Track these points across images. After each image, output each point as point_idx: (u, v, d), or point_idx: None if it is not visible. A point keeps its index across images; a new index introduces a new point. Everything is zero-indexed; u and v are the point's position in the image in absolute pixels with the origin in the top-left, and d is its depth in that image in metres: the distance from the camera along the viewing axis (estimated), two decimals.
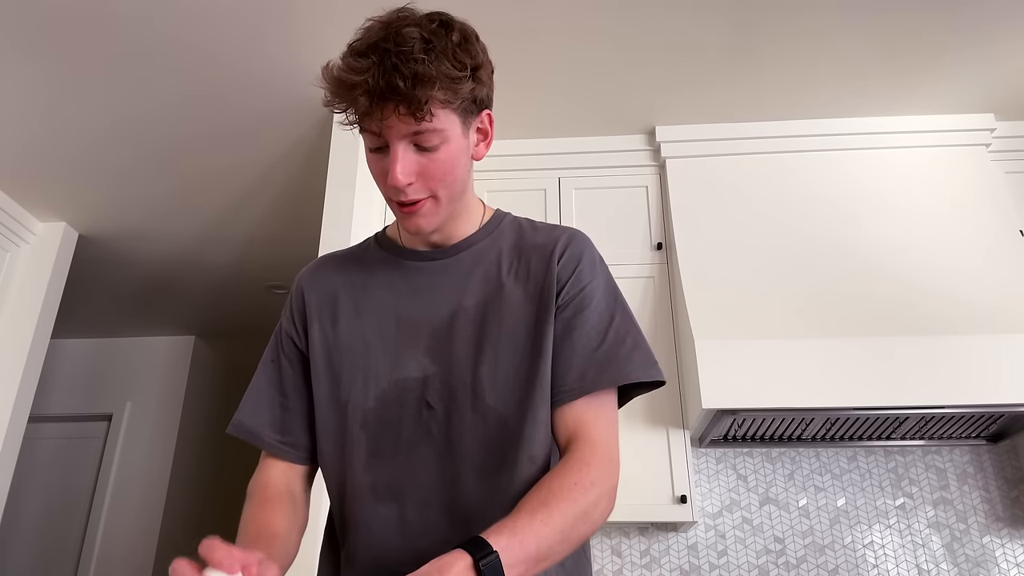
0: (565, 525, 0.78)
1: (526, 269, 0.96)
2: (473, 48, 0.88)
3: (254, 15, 2.12)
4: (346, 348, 0.95)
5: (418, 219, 0.90)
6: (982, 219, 2.38)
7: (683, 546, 2.38)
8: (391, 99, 0.81)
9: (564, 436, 0.90)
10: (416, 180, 0.87)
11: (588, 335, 0.92)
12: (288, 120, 2.57)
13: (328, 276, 1.02)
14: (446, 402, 0.90)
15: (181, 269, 3.69)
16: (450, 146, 0.87)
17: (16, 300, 3.02)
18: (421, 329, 0.93)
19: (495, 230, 1.01)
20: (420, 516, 0.87)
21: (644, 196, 2.62)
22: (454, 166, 0.89)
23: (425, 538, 0.86)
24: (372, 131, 0.86)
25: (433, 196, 0.89)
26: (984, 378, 1.99)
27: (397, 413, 0.91)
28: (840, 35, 2.22)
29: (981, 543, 2.31)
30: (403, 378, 0.92)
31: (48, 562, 4.08)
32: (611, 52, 2.29)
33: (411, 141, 0.85)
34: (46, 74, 2.32)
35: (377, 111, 0.82)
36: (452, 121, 0.86)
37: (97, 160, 2.77)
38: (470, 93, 0.87)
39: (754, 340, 2.11)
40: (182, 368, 4.49)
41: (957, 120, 2.55)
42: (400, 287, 0.97)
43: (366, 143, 0.89)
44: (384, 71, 0.80)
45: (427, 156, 0.86)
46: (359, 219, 2.43)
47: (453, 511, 0.87)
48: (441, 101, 0.83)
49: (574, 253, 0.96)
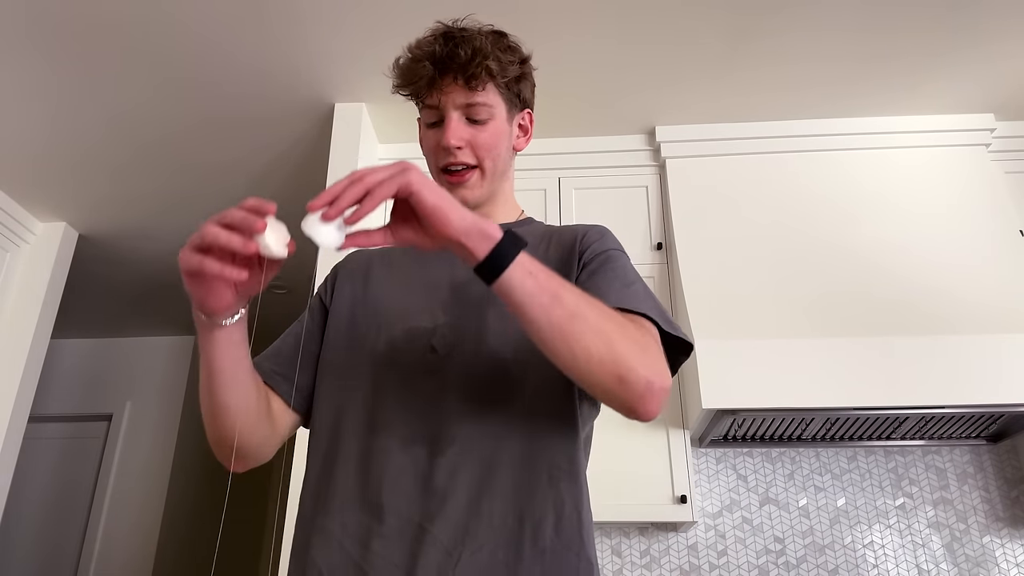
0: (593, 310, 0.79)
1: (548, 244, 1.03)
2: (521, 52, 1.05)
3: (254, 15, 2.12)
4: (371, 302, 1.02)
5: (463, 190, 1.01)
6: (982, 219, 2.37)
7: (683, 546, 2.38)
8: (451, 68, 0.96)
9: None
10: (465, 146, 0.99)
11: (613, 279, 0.93)
12: (288, 118, 2.57)
13: (369, 252, 1.12)
14: (450, 345, 0.94)
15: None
16: (496, 124, 1.01)
17: (16, 300, 3.02)
18: (440, 288, 1.00)
19: (527, 225, 1.10)
20: (405, 449, 0.88)
21: (644, 196, 2.62)
22: (498, 142, 1.02)
23: (406, 472, 0.87)
24: (431, 104, 1.00)
25: (479, 167, 1.01)
26: (984, 378, 1.99)
27: (403, 357, 0.95)
28: (840, 35, 2.22)
29: (981, 543, 2.31)
30: (414, 327, 0.97)
31: (48, 562, 4.08)
32: (611, 52, 2.29)
33: (464, 113, 0.99)
34: (46, 74, 2.32)
35: (438, 80, 0.97)
36: (499, 104, 1.01)
37: (97, 160, 2.78)
38: (516, 83, 1.03)
39: (754, 340, 2.11)
40: (182, 368, 4.49)
41: (957, 120, 2.55)
42: (430, 258, 1.03)
43: (424, 120, 1.03)
44: (448, 46, 0.97)
45: (476, 128, 1.00)
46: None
47: (435, 447, 0.88)
48: (493, 75, 0.98)
49: (600, 229, 1.05)
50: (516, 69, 1.02)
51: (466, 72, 0.96)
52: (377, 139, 2.68)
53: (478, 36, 0.98)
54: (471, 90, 0.97)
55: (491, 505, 0.85)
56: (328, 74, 2.36)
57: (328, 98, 2.48)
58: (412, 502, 0.86)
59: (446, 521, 0.84)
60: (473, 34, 0.98)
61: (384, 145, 2.71)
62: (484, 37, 0.99)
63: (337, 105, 2.50)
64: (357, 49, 2.25)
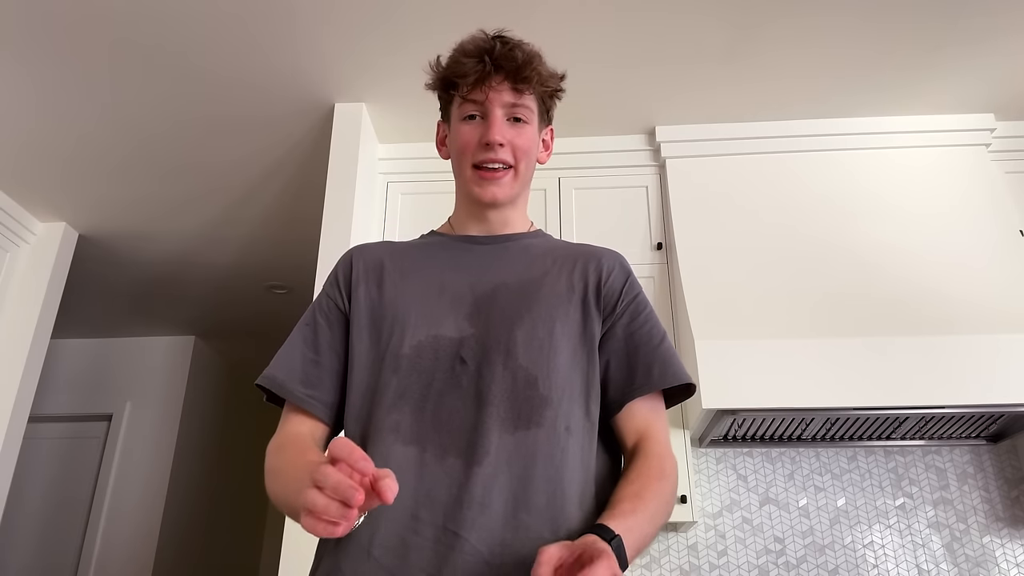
0: (656, 512, 0.87)
1: (573, 267, 1.04)
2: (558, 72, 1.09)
3: (254, 16, 2.12)
4: (389, 306, 1.01)
5: (495, 187, 1.03)
6: (982, 219, 2.37)
7: (683, 546, 2.38)
8: (505, 67, 1.00)
9: (633, 434, 0.98)
10: (507, 145, 1.02)
11: (649, 335, 1.01)
12: (288, 120, 2.57)
13: (378, 249, 1.10)
14: (479, 359, 0.93)
15: (181, 269, 3.69)
16: (532, 128, 1.06)
17: (16, 300, 3.02)
18: (463, 297, 0.99)
19: (540, 237, 1.12)
20: (439, 460, 0.88)
21: (644, 196, 2.62)
22: (532, 147, 1.06)
23: (441, 482, 0.87)
24: (475, 99, 1.02)
25: (514, 168, 1.04)
26: (984, 378, 1.99)
27: (430, 364, 0.94)
28: (840, 35, 2.22)
29: (981, 543, 2.31)
30: (440, 335, 0.96)
31: (48, 562, 4.08)
32: (611, 52, 2.29)
33: (507, 113, 1.03)
34: (46, 74, 2.32)
35: (488, 79, 1.01)
36: (535, 112, 1.06)
37: (97, 160, 2.78)
38: (551, 98, 1.08)
39: (754, 340, 2.11)
40: (182, 368, 4.49)
41: (957, 120, 2.55)
42: (446, 262, 1.05)
43: (461, 113, 1.04)
44: (503, 49, 1.01)
45: (517, 129, 1.03)
46: (359, 219, 2.44)
47: (471, 458, 0.88)
48: (540, 82, 1.03)
49: (624, 267, 1.07)
50: (556, 83, 1.07)
51: (519, 74, 1.01)
52: (377, 139, 2.68)
53: (528, 45, 1.04)
54: (518, 92, 1.02)
55: (528, 519, 0.85)
56: (328, 74, 2.36)
57: (328, 98, 2.48)
58: (448, 512, 0.85)
59: (484, 531, 0.84)
60: (523, 43, 1.04)
61: (384, 145, 2.71)
62: (532, 48, 1.04)
63: (337, 105, 2.50)
64: (357, 49, 2.25)
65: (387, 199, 2.65)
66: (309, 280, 3.27)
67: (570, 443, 0.91)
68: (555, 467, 0.89)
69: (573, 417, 0.93)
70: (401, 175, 2.69)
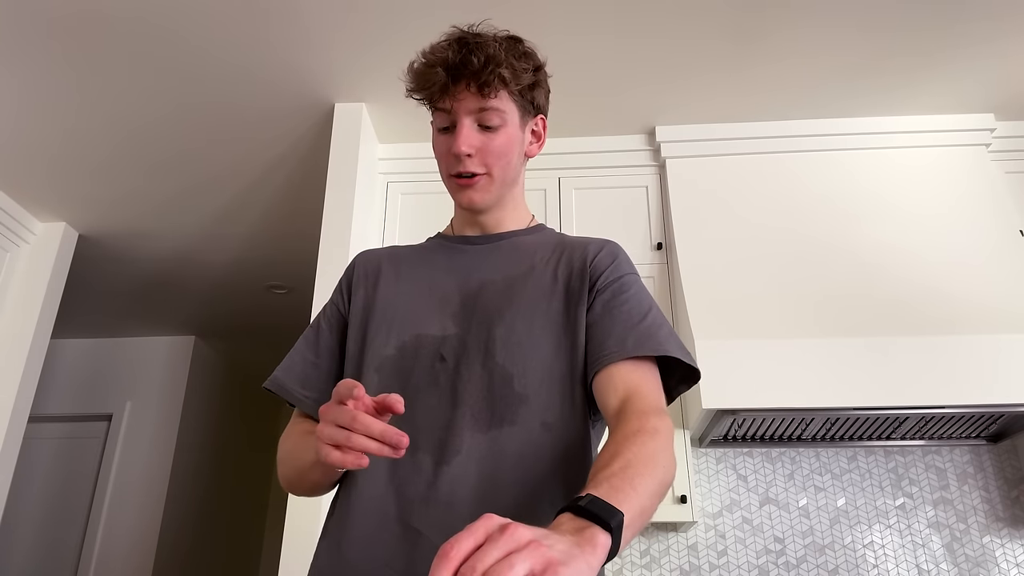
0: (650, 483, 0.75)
1: (559, 258, 1.03)
2: (536, 59, 1.04)
3: (255, 14, 2.12)
4: (379, 306, 1.03)
5: (472, 192, 1.01)
6: (982, 219, 2.38)
7: (683, 546, 2.38)
8: (464, 75, 0.96)
9: (615, 399, 0.88)
10: (476, 154, 0.99)
11: (629, 312, 0.96)
12: (288, 119, 2.57)
13: (379, 253, 1.12)
14: (458, 357, 0.94)
15: (181, 269, 3.69)
16: (508, 131, 1.00)
17: (16, 300, 3.02)
18: (451, 297, 1.00)
19: (538, 232, 1.10)
20: (411, 457, 0.89)
21: (644, 196, 2.62)
22: (509, 150, 1.01)
23: (411, 480, 0.88)
24: (443, 108, 0.99)
25: (488, 173, 1.01)
26: (984, 378, 1.99)
27: (411, 363, 0.96)
28: (840, 35, 2.22)
29: (981, 543, 2.31)
30: (424, 334, 0.98)
31: (48, 562, 4.08)
32: (611, 52, 2.29)
33: (476, 119, 0.98)
34: (46, 74, 2.32)
35: (451, 86, 0.97)
36: (512, 110, 1.00)
37: (97, 160, 2.78)
38: (530, 90, 1.02)
39: (754, 340, 2.11)
40: (182, 368, 4.49)
41: (957, 120, 2.55)
42: (440, 264, 1.06)
43: (436, 124, 1.02)
44: (462, 52, 0.96)
45: (488, 135, 0.99)
46: (359, 218, 2.44)
47: (440, 457, 0.88)
48: (506, 82, 0.97)
49: (612, 250, 1.04)
50: (530, 76, 1.01)
51: (479, 79, 0.96)
52: (377, 139, 2.68)
53: (492, 43, 0.98)
54: (484, 97, 0.97)
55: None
56: (328, 74, 2.36)
57: (328, 98, 2.48)
58: (415, 510, 0.86)
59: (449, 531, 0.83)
60: (487, 40, 0.98)
61: (384, 145, 2.71)
62: (498, 44, 0.98)
63: (337, 105, 2.50)
64: (357, 49, 2.25)
65: (387, 199, 2.65)
66: (309, 280, 3.28)
67: (548, 440, 0.90)
68: (526, 468, 0.88)
69: (552, 412, 0.91)
70: (401, 175, 2.69)
